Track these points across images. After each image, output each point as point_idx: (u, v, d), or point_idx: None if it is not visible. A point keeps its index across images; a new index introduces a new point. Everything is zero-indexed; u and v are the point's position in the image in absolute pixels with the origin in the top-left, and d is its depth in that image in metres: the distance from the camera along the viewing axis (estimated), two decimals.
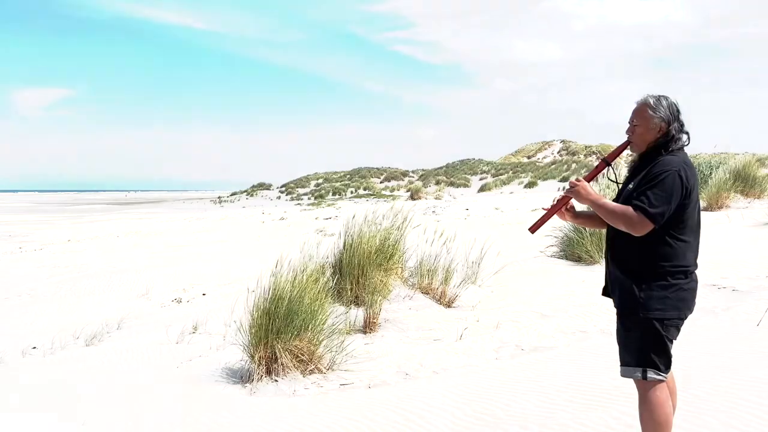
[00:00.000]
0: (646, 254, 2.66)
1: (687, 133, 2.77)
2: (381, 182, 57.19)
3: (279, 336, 5.27)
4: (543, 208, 3.03)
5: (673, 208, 2.62)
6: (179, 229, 25.99)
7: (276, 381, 5.16)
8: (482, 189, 42.99)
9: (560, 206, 2.96)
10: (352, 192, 49.46)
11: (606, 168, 3.02)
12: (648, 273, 2.65)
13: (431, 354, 5.68)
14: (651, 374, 2.66)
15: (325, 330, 5.51)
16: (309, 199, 47.49)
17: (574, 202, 2.96)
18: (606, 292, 2.89)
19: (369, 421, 4.16)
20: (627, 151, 2.96)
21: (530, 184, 41.82)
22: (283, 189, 57.80)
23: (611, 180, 3.07)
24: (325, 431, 4.10)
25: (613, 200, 2.84)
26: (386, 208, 7.99)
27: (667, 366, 2.69)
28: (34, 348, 7.72)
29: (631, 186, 2.76)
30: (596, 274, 8.12)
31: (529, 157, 65.42)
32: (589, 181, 2.89)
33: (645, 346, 2.66)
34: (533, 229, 3.04)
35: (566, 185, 3.26)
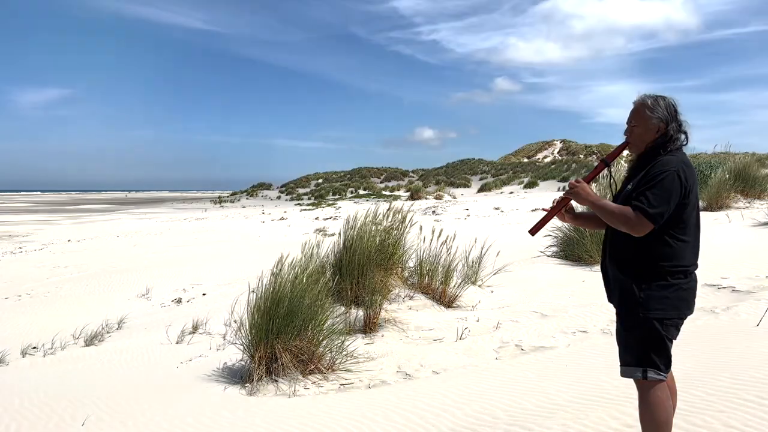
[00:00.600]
0: (646, 254, 2.66)
1: (685, 132, 2.77)
2: (381, 182, 57.18)
3: (279, 336, 5.27)
4: (543, 209, 3.03)
5: (672, 208, 2.61)
6: (179, 229, 26.00)
7: (276, 381, 5.16)
8: (482, 189, 42.97)
9: (560, 208, 2.96)
10: (352, 192, 49.45)
11: (605, 169, 3.02)
12: (648, 273, 2.65)
13: (431, 354, 5.68)
14: (651, 374, 2.65)
15: (325, 330, 5.51)
16: (309, 199, 47.49)
17: (573, 203, 2.96)
18: (610, 298, 2.88)
19: (369, 421, 4.16)
20: (626, 152, 2.95)
21: (530, 184, 41.79)
22: (284, 189, 57.81)
23: (611, 180, 3.06)
24: (325, 431, 4.10)
25: (612, 201, 2.84)
26: (386, 208, 7.99)
27: (667, 366, 2.69)
28: (35, 348, 7.73)
29: (630, 186, 2.76)
30: (596, 274, 8.13)
31: (529, 157, 65.42)
32: (588, 182, 2.89)
33: (645, 345, 2.65)
34: (533, 231, 3.04)
35: (566, 186, 3.26)
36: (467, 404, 4.20)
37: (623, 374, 2.76)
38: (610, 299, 2.87)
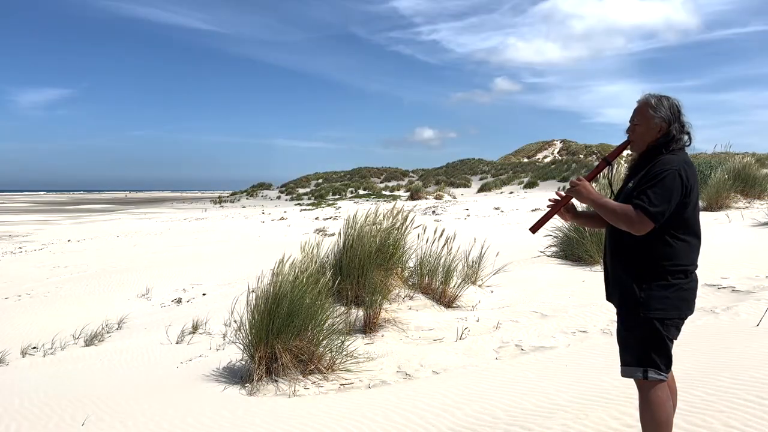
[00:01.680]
0: (647, 254, 2.65)
1: (688, 133, 2.76)
2: (381, 182, 57.15)
3: (279, 336, 5.27)
4: (547, 205, 3.02)
5: (673, 207, 2.61)
6: (179, 229, 26.00)
7: (276, 381, 5.16)
8: (482, 189, 42.97)
9: (561, 206, 2.95)
10: (352, 192, 49.44)
11: (607, 167, 3.02)
12: (648, 272, 2.65)
13: (431, 354, 5.68)
14: (652, 374, 2.65)
15: (325, 330, 5.51)
16: (309, 199, 47.48)
17: (574, 201, 2.96)
18: (609, 297, 2.88)
19: (369, 421, 4.16)
20: (627, 150, 2.95)
21: (530, 184, 41.79)
22: (284, 189, 57.78)
23: (609, 182, 3.07)
24: (325, 431, 4.10)
25: (613, 199, 2.83)
26: (386, 208, 7.99)
27: (667, 366, 2.68)
28: (35, 348, 7.73)
29: (631, 185, 2.76)
30: (596, 274, 8.13)
31: (529, 157, 65.44)
32: (589, 181, 2.88)
33: (646, 345, 2.65)
34: (534, 229, 3.04)
35: (567, 185, 3.26)
36: (467, 404, 4.20)
37: (624, 374, 2.76)
38: (609, 298, 2.86)
